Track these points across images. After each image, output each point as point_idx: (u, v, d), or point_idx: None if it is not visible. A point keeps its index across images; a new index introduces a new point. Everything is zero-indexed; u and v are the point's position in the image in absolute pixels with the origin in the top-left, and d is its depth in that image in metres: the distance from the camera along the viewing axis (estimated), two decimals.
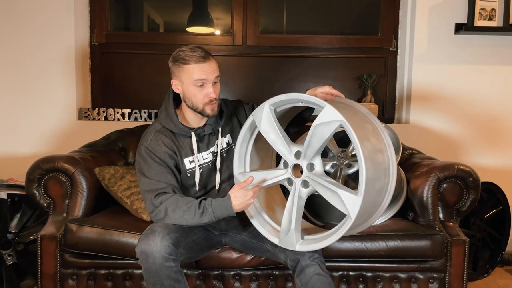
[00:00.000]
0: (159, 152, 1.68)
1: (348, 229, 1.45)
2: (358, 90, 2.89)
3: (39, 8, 2.64)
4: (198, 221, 1.57)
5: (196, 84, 1.63)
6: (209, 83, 1.64)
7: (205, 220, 1.57)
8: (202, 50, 1.65)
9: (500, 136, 2.75)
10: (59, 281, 1.89)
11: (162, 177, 1.65)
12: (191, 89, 1.65)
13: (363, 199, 1.39)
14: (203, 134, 1.75)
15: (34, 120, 2.69)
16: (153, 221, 1.64)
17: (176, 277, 1.53)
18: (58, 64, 2.68)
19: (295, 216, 1.56)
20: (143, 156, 1.68)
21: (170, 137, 1.72)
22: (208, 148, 1.76)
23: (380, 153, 1.49)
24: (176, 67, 1.66)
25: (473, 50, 2.70)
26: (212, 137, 1.77)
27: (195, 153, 1.72)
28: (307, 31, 2.90)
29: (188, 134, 1.72)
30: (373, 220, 1.57)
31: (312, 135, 1.47)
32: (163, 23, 3.00)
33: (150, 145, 1.69)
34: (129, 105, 2.82)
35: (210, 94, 1.64)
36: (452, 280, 1.89)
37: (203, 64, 1.62)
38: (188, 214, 1.57)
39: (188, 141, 1.73)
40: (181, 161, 1.72)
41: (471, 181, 1.94)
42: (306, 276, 1.57)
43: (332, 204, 1.48)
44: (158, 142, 1.69)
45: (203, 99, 1.65)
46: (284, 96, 1.53)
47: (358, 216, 1.41)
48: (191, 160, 1.73)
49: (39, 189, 1.96)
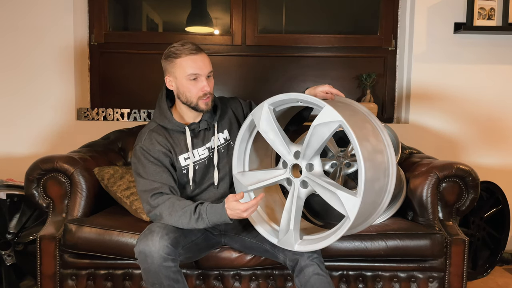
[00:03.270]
0: (153, 151, 1.67)
1: (347, 229, 1.44)
2: (358, 89, 2.89)
3: (38, 8, 2.64)
4: (193, 226, 1.57)
5: (190, 77, 1.63)
6: (203, 76, 1.64)
7: (200, 225, 1.56)
8: (193, 44, 1.65)
9: (500, 135, 2.75)
10: (59, 281, 1.89)
11: (157, 176, 1.64)
12: (184, 83, 1.64)
13: (362, 200, 1.38)
14: (198, 129, 1.73)
15: (33, 120, 2.69)
16: (151, 220, 1.64)
17: (175, 277, 1.53)
18: (57, 64, 2.68)
19: (294, 216, 1.55)
20: (138, 156, 1.68)
21: (164, 135, 1.71)
22: (203, 144, 1.75)
23: (380, 154, 1.49)
24: (168, 63, 1.66)
25: (472, 49, 2.70)
26: (208, 132, 1.76)
27: (189, 149, 1.71)
28: (306, 31, 2.90)
29: (182, 129, 1.71)
30: (373, 219, 1.57)
31: (311, 135, 1.47)
32: (162, 23, 3.00)
33: (145, 145, 1.68)
34: (128, 105, 2.82)
35: (205, 87, 1.64)
36: (452, 280, 1.89)
37: (195, 57, 1.62)
38: (183, 218, 1.56)
39: (182, 137, 1.72)
40: (176, 159, 1.71)
41: (470, 181, 1.95)
42: (305, 276, 1.57)
43: (331, 204, 1.47)
44: (152, 141, 1.68)
45: (197, 93, 1.65)
46: (284, 95, 1.53)
47: (357, 217, 1.41)
48: (186, 157, 1.72)
49: (38, 189, 1.96)
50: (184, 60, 1.62)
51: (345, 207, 1.42)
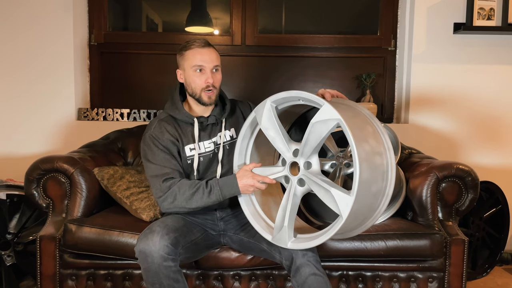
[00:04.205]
0: (162, 140, 1.74)
1: (339, 228, 1.44)
2: (357, 89, 2.89)
3: (38, 8, 2.64)
4: (206, 201, 1.64)
5: (195, 69, 1.72)
6: (207, 69, 1.73)
7: (213, 198, 1.64)
8: (204, 40, 1.75)
9: (499, 135, 2.75)
10: (59, 281, 1.89)
11: (167, 163, 1.71)
12: (191, 74, 1.73)
13: (355, 199, 1.38)
14: (206, 123, 1.80)
15: (33, 120, 2.69)
16: (160, 206, 1.70)
17: (175, 276, 1.54)
18: (57, 64, 2.67)
19: (289, 213, 1.56)
20: (148, 143, 1.75)
21: (173, 125, 1.78)
22: (210, 138, 1.81)
23: (379, 156, 1.48)
24: (179, 56, 1.78)
25: (472, 49, 2.70)
26: (215, 127, 1.82)
27: (196, 140, 1.77)
28: (306, 31, 2.90)
29: (191, 120, 1.78)
30: (370, 223, 1.57)
31: (309, 133, 1.48)
32: (162, 23, 3.00)
33: (154, 133, 1.76)
34: (128, 105, 2.82)
35: (208, 79, 1.72)
36: (451, 280, 1.89)
37: (201, 50, 1.72)
38: (197, 194, 1.64)
39: (190, 128, 1.79)
40: (182, 148, 1.77)
41: (470, 181, 1.95)
42: (302, 277, 1.57)
43: (325, 202, 1.48)
44: (161, 130, 1.76)
45: (201, 85, 1.73)
46: (285, 93, 1.56)
47: (350, 216, 1.41)
48: (192, 147, 1.78)
49: (38, 190, 1.96)
50: (191, 53, 1.73)
51: (338, 205, 1.43)
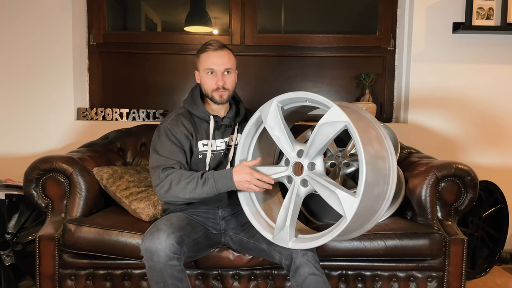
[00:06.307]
0: (176, 132, 1.79)
1: (342, 229, 1.44)
2: (356, 89, 2.89)
3: (37, 8, 2.64)
4: (200, 192, 1.65)
5: (207, 71, 1.81)
6: (219, 72, 1.80)
7: (206, 189, 1.65)
8: (218, 43, 1.82)
9: (498, 135, 2.75)
10: (58, 281, 1.89)
11: (173, 155, 1.75)
12: (204, 76, 1.82)
13: (361, 201, 1.39)
14: (221, 123, 1.86)
15: (32, 120, 2.69)
16: (157, 194, 1.72)
17: (179, 276, 1.54)
18: (56, 64, 2.67)
19: (291, 213, 1.56)
20: (161, 133, 1.80)
21: (189, 120, 1.84)
22: (222, 137, 1.86)
23: (382, 160, 1.49)
24: (196, 59, 1.87)
25: (471, 49, 2.70)
26: (228, 129, 1.89)
27: (210, 137, 1.83)
28: (305, 31, 2.90)
29: (207, 117, 1.84)
30: (368, 227, 1.57)
31: (316, 134, 1.48)
32: (161, 23, 2.99)
33: (170, 124, 1.81)
34: (127, 105, 2.82)
35: (218, 81, 1.79)
36: (451, 279, 1.90)
37: (213, 53, 1.80)
38: (191, 184, 1.65)
39: (205, 126, 1.85)
40: (195, 144, 1.82)
41: (469, 180, 1.95)
42: (301, 277, 1.57)
43: (329, 203, 1.48)
44: (177, 123, 1.81)
45: (211, 86, 1.81)
46: (293, 93, 1.56)
47: (353, 217, 1.41)
48: (205, 143, 1.83)
49: (37, 190, 1.96)
50: (205, 55, 1.81)
51: (343, 206, 1.43)
